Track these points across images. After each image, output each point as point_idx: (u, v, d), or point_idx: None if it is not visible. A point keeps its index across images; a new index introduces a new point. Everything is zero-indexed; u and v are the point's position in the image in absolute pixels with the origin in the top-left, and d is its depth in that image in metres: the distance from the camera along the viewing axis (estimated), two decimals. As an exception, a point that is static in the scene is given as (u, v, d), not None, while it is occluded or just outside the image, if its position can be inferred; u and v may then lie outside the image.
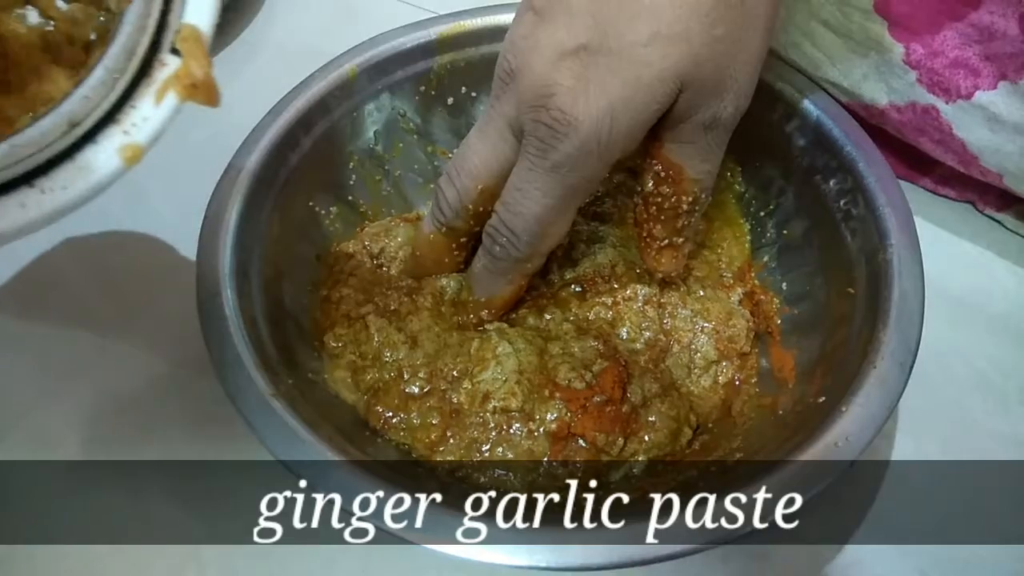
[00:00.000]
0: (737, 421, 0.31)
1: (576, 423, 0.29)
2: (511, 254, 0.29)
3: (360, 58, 0.34)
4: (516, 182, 0.28)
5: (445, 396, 0.30)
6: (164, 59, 0.20)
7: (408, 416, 0.29)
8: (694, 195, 0.29)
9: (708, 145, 0.28)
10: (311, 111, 0.33)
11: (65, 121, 0.19)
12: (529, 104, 0.26)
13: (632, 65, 0.24)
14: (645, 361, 0.32)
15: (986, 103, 0.34)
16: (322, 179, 0.35)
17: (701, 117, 0.26)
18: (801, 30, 0.39)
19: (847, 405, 0.25)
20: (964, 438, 0.33)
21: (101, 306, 0.37)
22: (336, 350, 0.31)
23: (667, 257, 0.32)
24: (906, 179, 0.41)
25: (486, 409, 0.29)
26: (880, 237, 0.29)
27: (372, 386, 0.30)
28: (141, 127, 0.19)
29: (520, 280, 0.31)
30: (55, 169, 0.18)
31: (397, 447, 0.29)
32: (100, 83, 0.19)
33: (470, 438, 0.29)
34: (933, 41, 0.34)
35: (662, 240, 0.31)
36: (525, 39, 0.26)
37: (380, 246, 0.35)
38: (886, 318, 0.27)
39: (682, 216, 0.30)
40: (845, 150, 0.31)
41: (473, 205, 0.30)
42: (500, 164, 0.29)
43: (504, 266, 0.30)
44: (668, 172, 0.29)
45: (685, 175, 0.28)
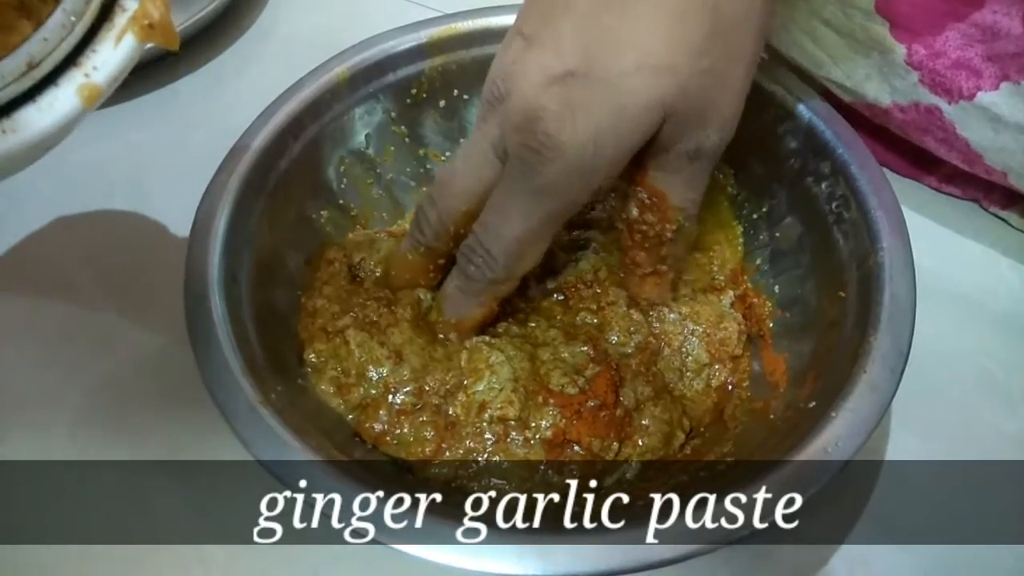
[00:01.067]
0: (728, 425, 0.31)
1: (571, 429, 0.29)
2: (486, 275, 0.29)
3: (351, 61, 0.34)
4: (497, 203, 0.28)
5: (439, 410, 0.29)
6: (125, 4, 0.21)
7: (401, 432, 0.29)
8: (678, 223, 0.29)
9: (692, 174, 0.28)
10: (301, 115, 0.33)
11: (24, 62, 0.19)
12: (515, 127, 0.26)
13: (618, 93, 0.24)
14: (636, 364, 0.32)
15: (988, 104, 0.33)
16: (312, 183, 0.34)
17: (685, 146, 0.26)
18: (803, 29, 0.38)
19: (837, 410, 0.25)
20: (968, 437, 0.33)
21: (102, 307, 0.37)
22: (318, 365, 0.30)
23: (651, 285, 0.32)
24: (911, 177, 0.41)
25: (483, 419, 0.29)
26: (871, 240, 0.29)
27: (359, 403, 0.30)
28: (101, 69, 0.20)
29: (491, 303, 0.31)
30: (17, 110, 0.19)
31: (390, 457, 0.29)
32: (59, 25, 0.20)
33: (467, 448, 0.29)
34: (935, 42, 0.34)
35: (646, 268, 0.31)
36: (514, 64, 0.26)
37: (360, 257, 0.34)
38: (877, 323, 0.26)
39: (666, 244, 0.30)
40: (837, 153, 0.31)
41: (454, 227, 0.30)
42: (483, 187, 0.29)
43: (477, 287, 0.30)
44: (652, 200, 0.29)
45: (669, 203, 0.29)
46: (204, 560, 0.29)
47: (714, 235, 0.36)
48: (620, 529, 0.23)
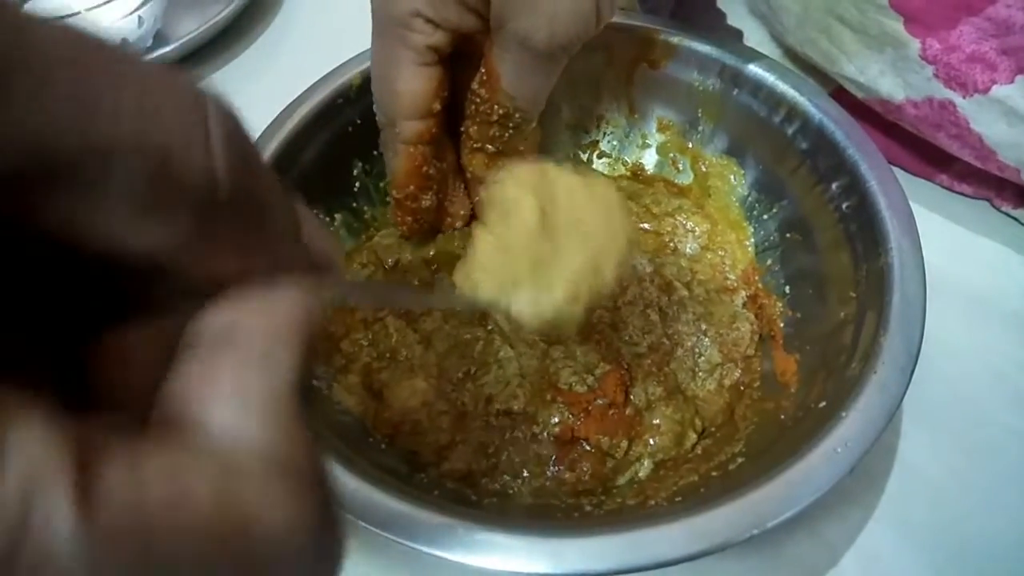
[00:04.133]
0: (739, 425, 0.31)
1: (580, 427, 0.30)
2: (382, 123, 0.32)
3: (364, 66, 0.35)
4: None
5: (451, 398, 0.30)
6: None
7: (418, 420, 0.30)
8: (506, 110, 0.30)
9: (524, 65, 0.29)
10: (315, 119, 0.34)
11: None
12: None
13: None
14: (649, 365, 0.32)
15: (1003, 97, 0.33)
16: (326, 187, 0.35)
17: (515, 27, 0.27)
18: (817, 26, 0.38)
19: (847, 411, 0.25)
20: (980, 434, 0.33)
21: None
22: (352, 355, 0.32)
23: (478, 160, 0.33)
24: (922, 176, 0.41)
25: (489, 412, 0.30)
26: (881, 241, 0.29)
27: (382, 388, 0.31)
28: None
29: (403, 151, 0.32)
30: None
31: (404, 455, 0.30)
32: None
33: (478, 442, 0.29)
34: (949, 36, 0.34)
35: (475, 142, 0.32)
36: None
37: (395, 257, 0.35)
38: (887, 323, 0.26)
39: (494, 126, 0.31)
40: (847, 153, 0.31)
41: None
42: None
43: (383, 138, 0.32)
44: (485, 76, 0.30)
45: (499, 85, 0.30)
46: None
47: (726, 235, 0.36)
48: (631, 527, 0.23)
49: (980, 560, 0.29)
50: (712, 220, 0.36)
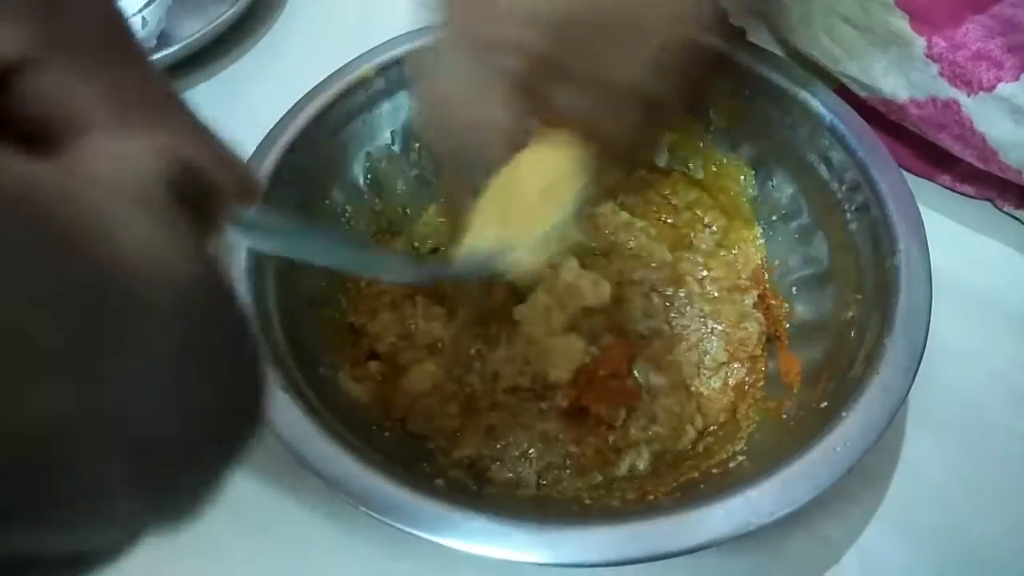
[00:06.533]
0: (741, 424, 0.31)
1: (584, 395, 0.31)
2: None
3: (377, 59, 0.35)
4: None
5: (461, 381, 0.31)
6: None
7: (429, 403, 0.31)
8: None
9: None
10: (328, 111, 0.34)
11: None
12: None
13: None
14: (651, 350, 0.32)
15: (1008, 95, 0.33)
16: (338, 178, 0.35)
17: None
18: (820, 25, 0.38)
19: (848, 411, 0.25)
20: (982, 435, 0.32)
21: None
22: (379, 334, 0.33)
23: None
24: (925, 176, 0.41)
25: (496, 389, 0.30)
26: (890, 242, 0.29)
27: (399, 370, 0.32)
28: None
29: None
30: None
31: (413, 441, 0.30)
32: None
33: (486, 426, 0.30)
34: (955, 34, 0.34)
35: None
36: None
37: (433, 245, 0.36)
38: (892, 325, 0.26)
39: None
40: (857, 155, 0.31)
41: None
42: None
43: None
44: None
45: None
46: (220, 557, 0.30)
47: (739, 233, 0.36)
48: (630, 520, 0.23)
49: (981, 560, 0.30)
50: (728, 215, 0.37)
